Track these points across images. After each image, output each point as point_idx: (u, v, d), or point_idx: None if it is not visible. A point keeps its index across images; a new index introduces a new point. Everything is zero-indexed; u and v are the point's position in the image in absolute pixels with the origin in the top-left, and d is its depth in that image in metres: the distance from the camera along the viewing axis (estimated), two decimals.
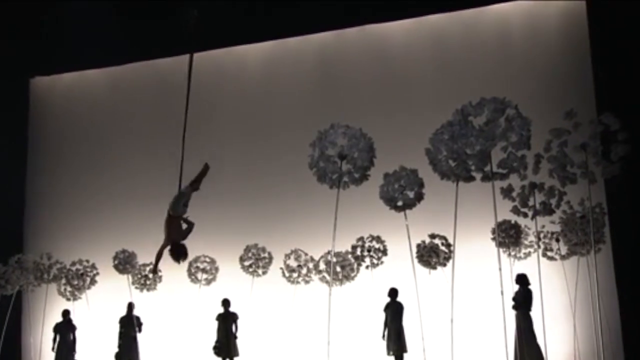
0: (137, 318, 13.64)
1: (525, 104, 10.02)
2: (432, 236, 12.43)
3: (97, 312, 14.79)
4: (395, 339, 11.89)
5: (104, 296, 14.90)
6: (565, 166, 9.80)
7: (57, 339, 13.36)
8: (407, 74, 15.07)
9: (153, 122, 16.44)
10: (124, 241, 14.60)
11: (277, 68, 16.05)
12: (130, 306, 13.65)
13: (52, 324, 13.61)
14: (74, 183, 16.76)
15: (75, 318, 13.80)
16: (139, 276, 14.31)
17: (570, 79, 13.63)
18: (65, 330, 13.38)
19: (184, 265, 14.16)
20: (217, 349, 13.04)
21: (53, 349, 13.38)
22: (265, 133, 15.61)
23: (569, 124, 9.70)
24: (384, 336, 12.07)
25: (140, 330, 13.60)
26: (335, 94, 15.36)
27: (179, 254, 7.51)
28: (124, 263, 14.06)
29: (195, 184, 7.65)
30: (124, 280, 14.38)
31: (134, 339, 13.48)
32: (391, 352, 11.98)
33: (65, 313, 13.53)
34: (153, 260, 14.08)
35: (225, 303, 13.30)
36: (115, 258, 14.12)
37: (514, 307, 10.98)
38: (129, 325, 13.49)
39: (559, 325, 12.45)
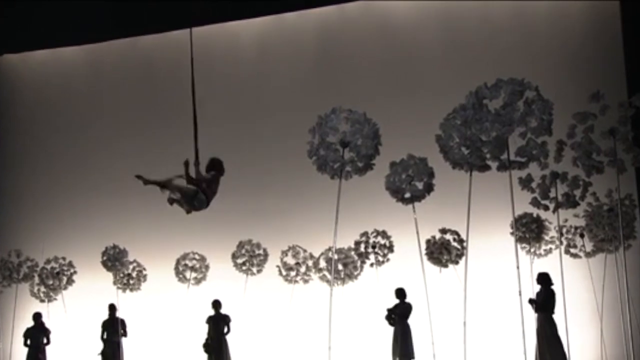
0: (122, 321, 13.57)
1: (546, 85, 9.90)
2: (443, 231, 12.37)
3: (74, 314, 14.70)
4: (402, 344, 11.79)
5: (83, 297, 14.83)
6: (591, 154, 9.75)
7: (29, 344, 13.28)
8: (416, 53, 15.01)
9: (136, 104, 16.40)
10: (105, 237, 14.48)
11: (273, 47, 15.98)
12: (112, 308, 13.54)
13: (24, 328, 13.51)
14: (47, 173, 16.70)
15: (50, 321, 13.72)
16: (122, 275, 14.22)
17: (597, 57, 13.55)
18: (38, 335, 13.28)
19: (171, 263, 14.13)
20: (208, 347, 13.01)
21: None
22: (259, 118, 15.58)
23: (595, 107, 9.63)
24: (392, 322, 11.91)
25: (125, 334, 13.52)
26: (337, 75, 15.29)
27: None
28: (114, 260, 13.92)
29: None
30: (105, 280, 14.27)
31: (118, 345, 13.39)
32: (397, 358, 11.88)
33: (37, 316, 13.44)
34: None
35: (216, 304, 13.26)
36: (104, 254, 13.97)
37: (534, 309, 10.87)
38: (113, 329, 13.38)
39: (583, 329, 12.41)
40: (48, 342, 13.40)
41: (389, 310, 11.94)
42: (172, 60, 15.61)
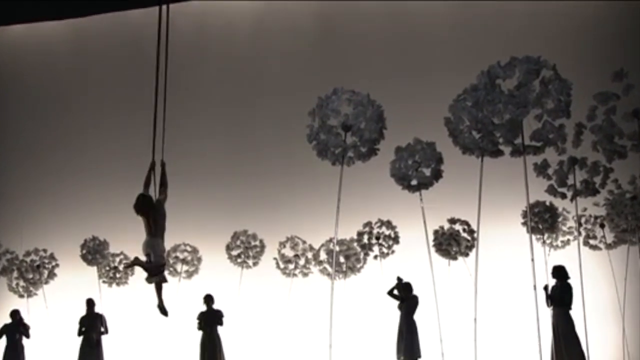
0: (101, 317, 13.48)
1: (564, 63, 9.87)
2: (452, 221, 12.40)
3: (56, 310, 14.72)
4: (408, 341, 11.73)
5: (66, 292, 14.80)
6: (613, 137, 9.73)
7: (6, 342, 13.23)
8: (423, 29, 15.04)
9: (123, 85, 16.35)
10: (88, 227, 14.59)
11: (270, 23, 16.04)
12: (90, 303, 13.40)
13: (1, 324, 13.45)
14: (26, 159, 16.74)
15: (30, 318, 13.68)
16: (107, 268, 14.21)
17: (619, 33, 13.54)
18: (15, 332, 13.22)
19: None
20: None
21: None
22: (255, 100, 15.62)
23: (618, 86, 9.60)
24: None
25: (106, 331, 13.44)
26: (339, 54, 15.32)
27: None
28: (94, 253, 14.00)
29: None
30: (90, 273, 14.30)
31: (98, 343, 13.31)
32: (402, 357, 11.83)
33: (14, 313, 13.34)
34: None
35: (209, 299, 13.20)
36: (83, 246, 14.05)
37: (547, 302, 10.83)
38: (91, 326, 13.29)
39: (603, 326, 12.44)
40: (27, 337, 13.29)
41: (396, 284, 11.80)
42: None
